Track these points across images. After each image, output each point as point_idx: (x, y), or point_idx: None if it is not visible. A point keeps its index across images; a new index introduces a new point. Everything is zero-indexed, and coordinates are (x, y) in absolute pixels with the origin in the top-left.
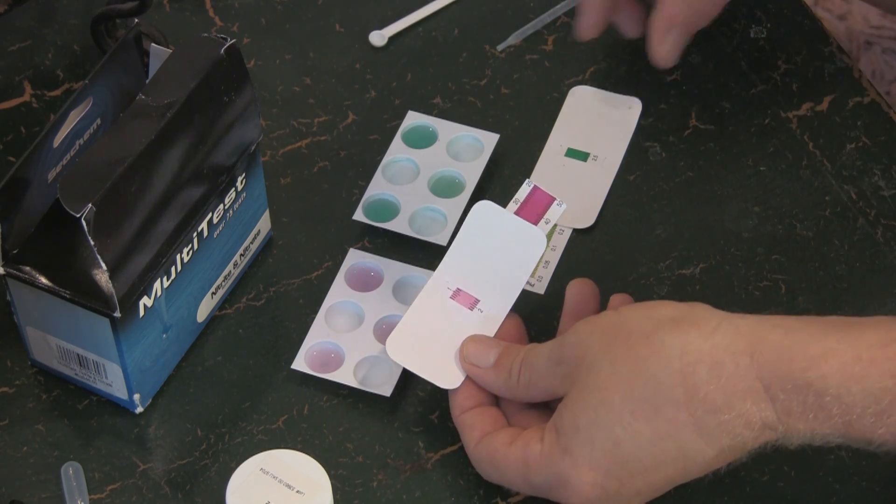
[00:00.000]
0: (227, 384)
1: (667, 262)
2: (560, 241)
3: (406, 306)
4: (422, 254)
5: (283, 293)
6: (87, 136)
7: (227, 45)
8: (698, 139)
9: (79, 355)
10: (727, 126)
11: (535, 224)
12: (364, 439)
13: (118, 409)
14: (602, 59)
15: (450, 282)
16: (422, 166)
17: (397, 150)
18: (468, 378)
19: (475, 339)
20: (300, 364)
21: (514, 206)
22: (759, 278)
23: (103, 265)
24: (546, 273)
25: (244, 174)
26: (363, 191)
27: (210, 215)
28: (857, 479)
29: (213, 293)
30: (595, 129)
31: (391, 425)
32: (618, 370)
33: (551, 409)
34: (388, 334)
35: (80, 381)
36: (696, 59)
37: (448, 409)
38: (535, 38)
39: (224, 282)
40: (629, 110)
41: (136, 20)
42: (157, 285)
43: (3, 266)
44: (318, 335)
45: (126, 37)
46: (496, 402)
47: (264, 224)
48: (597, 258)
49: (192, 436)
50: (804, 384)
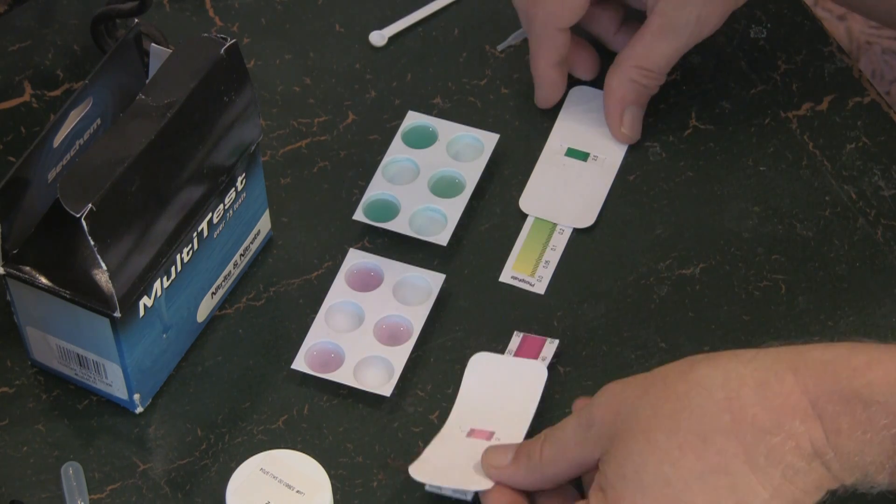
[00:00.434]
0: (227, 384)
1: (667, 262)
2: (560, 241)
3: (406, 306)
4: (422, 254)
5: (283, 293)
6: (87, 136)
7: (227, 45)
8: (698, 139)
9: (79, 355)
10: (727, 126)
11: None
12: (364, 439)
13: (118, 409)
14: (602, 60)
15: (463, 425)
16: (422, 166)
17: (397, 150)
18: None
19: (491, 448)
20: (300, 364)
21: (508, 356)
22: (759, 278)
23: (103, 265)
24: (546, 273)
25: (244, 174)
26: (363, 191)
27: (210, 215)
28: None
29: (213, 293)
30: (595, 129)
31: (391, 425)
32: (659, 411)
33: (581, 495)
34: (388, 334)
35: (80, 381)
36: (696, 59)
37: (447, 410)
38: None
39: (224, 282)
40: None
41: (136, 20)
42: (157, 285)
43: (3, 266)
44: (318, 335)
45: (126, 37)
46: (529, 499)
47: (264, 224)
48: (597, 258)
49: (192, 436)
50: (850, 394)
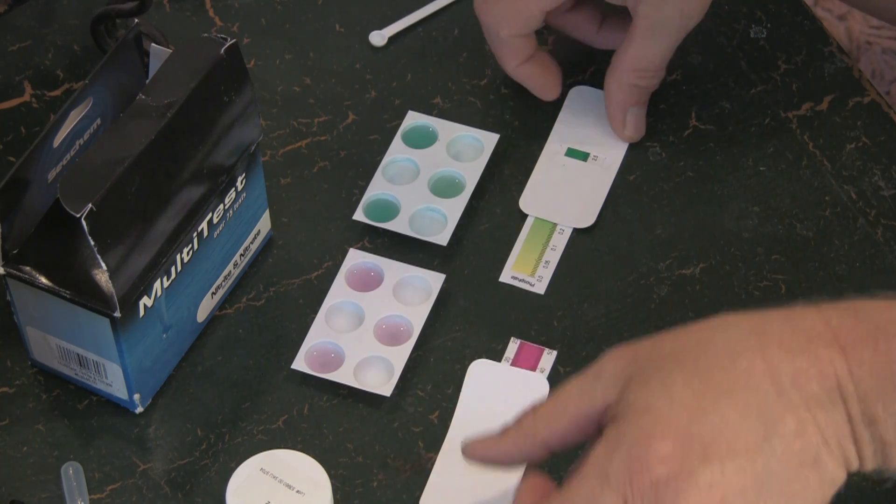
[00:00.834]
0: (227, 384)
1: (667, 262)
2: (560, 241)
3: (406, 306)
4: (422, 254)
5: (283, 293)
6: (87, 136)
7: (227, 45)
8: (698, 139)
9: (79, 355)
10: (727, 126)
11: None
12: (364, 439)
13: (118, 409)
14: (602, 59)
15: (464, 437)
16: (422, 166)
17: (397, 150)
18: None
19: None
20: (300, 364)
21: (506, 363)
22: (759, 278)
23: (103, 265)
24: (546, 273)
25: (244, 174)
26: (363, 191)
27: (210, 215)
28: (857, 478)
29: (213, 293)
30: (595, 129)
31: (391, 425)
32: (683, 344)
33: None
34: (388, 334)
35: (80, 381)
36: (696, 59)
37: (447, 410)
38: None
39: (224, 282)
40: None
41: (136, 20)
42: (157, 285)
43: (3, 266)
44: (318, 335)
45: (126, 37)
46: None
47: (264, 224)
48: (597, 258)
49: (192, 436)
50: (872, 328)
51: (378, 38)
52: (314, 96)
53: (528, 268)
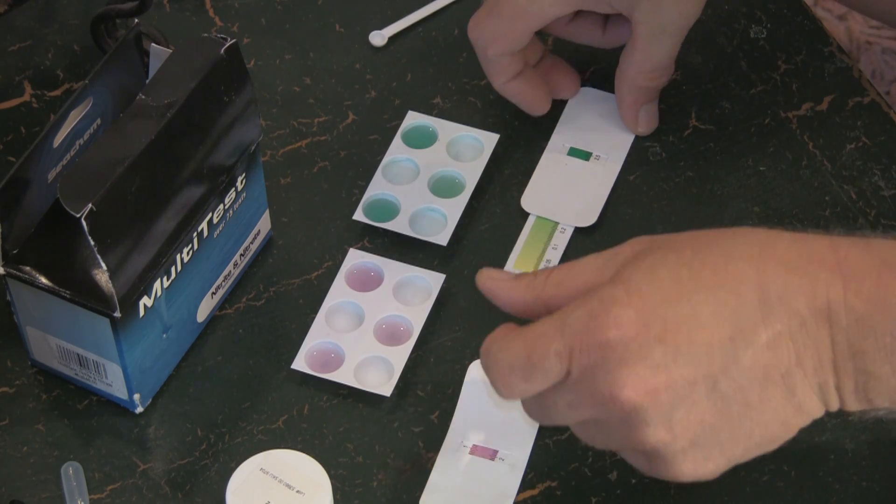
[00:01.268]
0: (227, 384)
1: None
2: (561, 241)
3: (406, 306)
4: (422, 254)
5: (283, 293)
6: (87, 136)
7: (227, 45)
8: (698, 139)
9: (79, 355)
10: (727, 126)
11: None
12: (364, 439)
13: (118, 409)
14: (602, 59)
15: (464, 440)
16: (422, 166)
17: (397, 150)
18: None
19: (489, 274)
20: (300, 364)
21: None
22: None
23: (103, 265)
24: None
25: (244, 174)
26: (363, 191)
27: (210, 215)
28: (857, 478)
29: (213, 293)
30: (597, 129)
31: (391, 425)
32: (695, 239)
33: None
34: (388, 334)
35: (80, 381)
36: (696, 59)
37: (448, 409)
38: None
39: (224, 282)
40: None
41: (136, 20)
42: (157, 285)
43: (3, 266)
44: (318, 335)
45: (126, 37)
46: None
47: (264, 224)
48: None
49: (192, 436)
50: (880, 261)
51: (378, 38)
52: (314, 96)
53: (530, 266)
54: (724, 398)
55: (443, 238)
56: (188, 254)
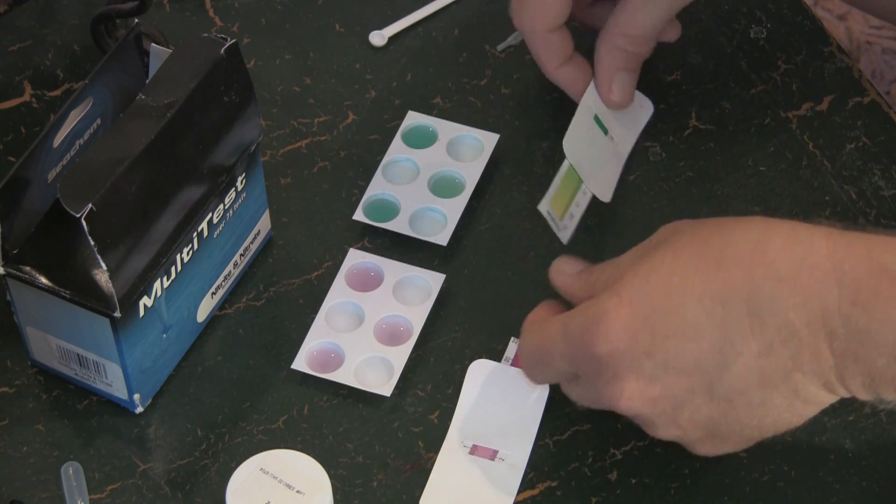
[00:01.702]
0: (227, 384)
1: None
2: (583, 200)
3: (406, 306)
4: (422, 254)
5: (283, 293)
6: (87, 136)
7: (227, 45)
8: (698, 139)
9: (79, 355)
10: (727, 126)
11: None
12: (364, 439)
13: (118, 409)
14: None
15: (464, 440)
16: (422, 166)
17: (397, 150)
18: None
19: (564, 257)
20: (300, 364)
21: (506, 363)
22: None
23: (103, 265)
24: (571, 224)
25: (244, 174)
26: (363, 191)
27: (210, 215)
28: (857, 479)
29: (213, 293)
30: (613, 113)
31: (391, 425)
32: (698, 234)
33: None
34: (388, 334)
35: (80, 381)
36: (696, 59)
37: (448, 409)
38: None
39: (224, 282)
40: (640, 108)
41: (136, 20)
42: (157, 285)
43: (3, 266)
44: (318, 335)
45: (126, 37)
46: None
47: (264, 224)
48: (597, 258)
49: (192, 436)
50: (879, 268)
51: (378, 38)
52: (314, 96)
53: (560, 209)
54: (726, 399)
55: (443, 238)
56: (188, 254)
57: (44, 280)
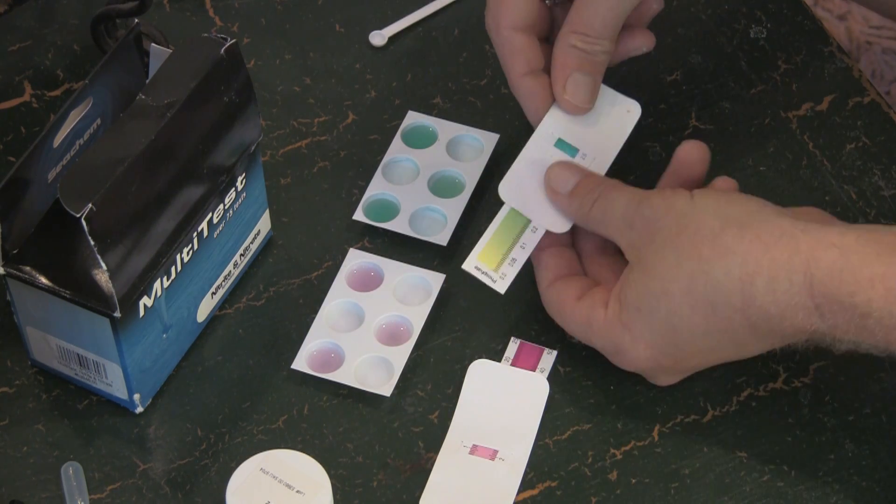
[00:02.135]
0: (227, 384)
1: None
2: (531, 240)
3: (406, 306)
4: (422, 254)
5: (283, 293)
6: (87, 136)
7: (227, 45)
8: (698, 139)
9: (79, 355)
10: (727, 126)
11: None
12: (364, 439)
13: (118, 409)
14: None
15: (464, 440)
16: (422, 166)
17: (397, 150)
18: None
19: (559, 164)
20: (300, 364)
21: (506, 363)
22: None
23: (103, 265)
24: (510, 271)
25: (244, 174)
26: (363, 191)
27: (210, 215)
28: (857, 479)
29: (213, 293)
30: (589, 125)
31: (391, 425)
32: (682, 264)
33: (623, 262)
34: (388, 334)
35: (80, 381)
36: (696, 59)
37: (448, 409)
38: None
39: (224, 282)
40: (627, 114)
41: (136, 20)
42: (157, 285)
43: (3, 266)
44: (318, 335)
45: (126, 37)
46: (572, 244)
47: (264, 224)
48: None
49: (192, 436)
50: (850, 307)
51: (378, 38)
52: (314, 96)
53: (494, 261)
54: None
55: (443, 238)
56: (188, 254)
57: (44, 280)
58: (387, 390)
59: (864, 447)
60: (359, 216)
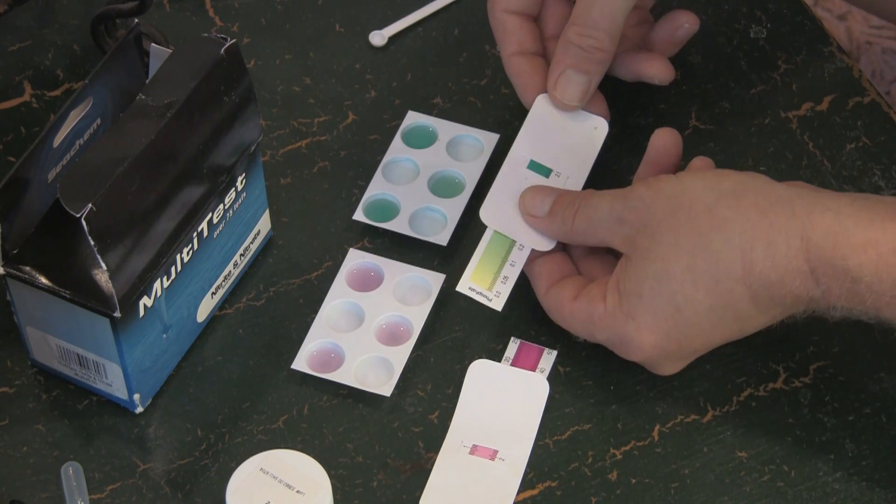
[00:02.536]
0: (227, 384)
1: None
2: (519, 257)
3: (406, 306)
4: (422, 254)
5: (283, 293)
6: (87, 136)
7: (227, 45)
8: (698, 139)
9: (79, 355)
10: (727, 126)
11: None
12: (364, 439)
13: (118, 409)
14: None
15: (464, 440)
16: (422, 166)
17: (397, 150)
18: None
19: (531, 189)
20: (300, 364)
21: (506, 363)
22: None
23: (103, 265)
24: (504, 289)
25: (244, 174)
26: (363, 191)
27: (210, 215)
28: (857, 479)
29: (213, 293)
30: (559, 145)
31: (391, 425)
32: (680, 242)
33: (614, 256)
34: (388, 334)
35: (80, 381)
36: (696, 59)
37: (448, 409)
38: None
39: (224, 282)
40: (594, 130)
41: (136, 20)
42: (157, 285)
43: (3, 266)
44: (318, 335)
45: (126, 37)
46: (564, 247)
47: (264, 224)
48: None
49: (192, 436)
50: (843, 271)
51: (378, 38)
52: (314, 96)
53: (487, 281)
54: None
55: (443, 238)
56: (188, 254)
57: (44, 280)
58: (387, 390)
59: (864, 447)
60: (359, 216)
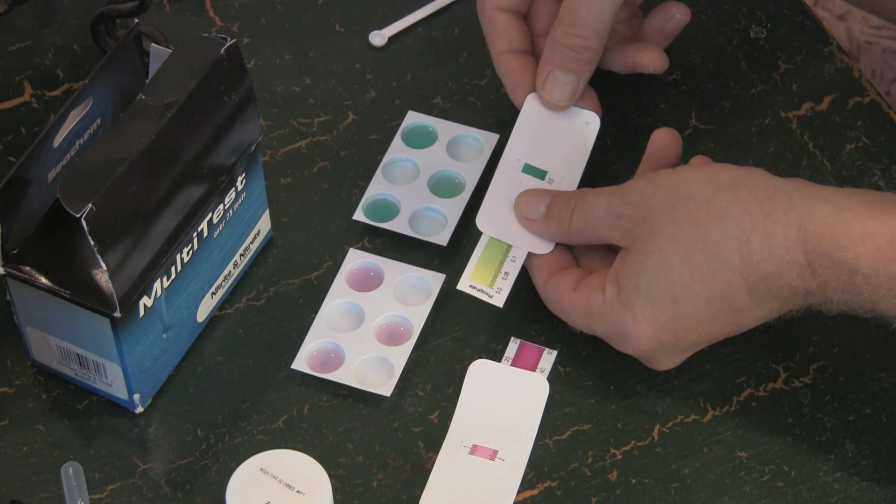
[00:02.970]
0: (227, 384)
1: None
2: (519, 254)
3: (406, 306)
4: (422, 254)
5: (283, 293)
6: (87, 136)
7: (227, 45)
8: (698, 139)
9: (79, 355)
10: (727, 126)
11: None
12: (364, 439)
13: (118, 409)
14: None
15: (464, 440)
16: (422, 166)
17: (397, 150)
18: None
19: (526, 193)
20: (300, 364)
21: (506, 363)
22: None
23: (103, 265)
24: (505, 285)
25: (244, 174)
26: (363, 191)
27: (210, 215)
28: (857, 479)
29: (213, 293)
30: (551, 145)
31: (391, 425)
32: (678, 234)
33: (614, 250)
34: (388, 334)
35: (80, 381)
36: (696, 59)
37: (448, 409)
38: None
39: (224, 282)
40: (586, 126)
41: (136, 20)
42: (157, 285)
43: (3, 266)
44: (318, 335)
45: (126, 37)
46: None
47: (264, 224)
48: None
49: (192, 436)
50: (840, 263)
51: (378, 38)
52: (314, 96)
53: (487, 279)
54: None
55: (443, 238)
56: (188, 254)
57: (44, 280)
58: (387, 390)
59: (864, 447)
60: (359, 216)
